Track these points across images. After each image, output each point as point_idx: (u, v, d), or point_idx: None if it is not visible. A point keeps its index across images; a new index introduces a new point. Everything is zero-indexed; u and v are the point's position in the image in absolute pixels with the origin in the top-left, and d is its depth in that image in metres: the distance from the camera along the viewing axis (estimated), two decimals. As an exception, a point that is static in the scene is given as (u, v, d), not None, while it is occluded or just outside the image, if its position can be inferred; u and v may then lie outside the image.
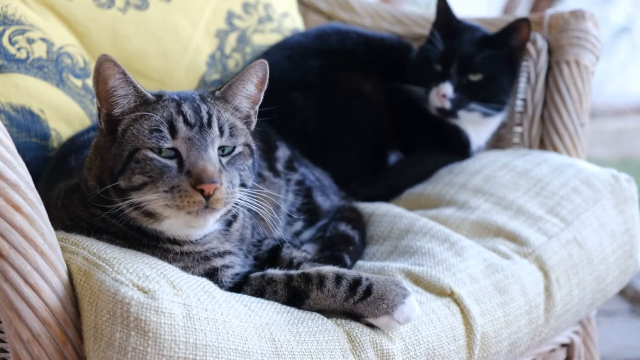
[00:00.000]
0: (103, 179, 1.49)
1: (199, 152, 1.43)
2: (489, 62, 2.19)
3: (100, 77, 1.45)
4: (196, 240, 1.53)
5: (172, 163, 1.43)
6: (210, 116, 1.48)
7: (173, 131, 1.44)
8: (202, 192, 1.40)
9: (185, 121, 1.45)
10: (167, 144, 1.43)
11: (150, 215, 1.45)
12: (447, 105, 2.18)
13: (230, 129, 1.50)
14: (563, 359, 2.09)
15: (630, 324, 3.22)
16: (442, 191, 2.08)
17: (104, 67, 1.44)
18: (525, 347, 1.80)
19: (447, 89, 2.17)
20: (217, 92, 1.54)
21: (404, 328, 1.56)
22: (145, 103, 1.48)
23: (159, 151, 1.43)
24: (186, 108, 1.47)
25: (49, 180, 1.75)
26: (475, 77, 2.19)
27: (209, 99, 1.52)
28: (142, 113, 1.45)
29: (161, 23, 2.21)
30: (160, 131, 1.43)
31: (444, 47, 2.21)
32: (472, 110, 2.20)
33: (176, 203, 1.41)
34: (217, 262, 1.56)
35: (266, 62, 1.55)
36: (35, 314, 1.32)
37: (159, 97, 1.50)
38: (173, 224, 1.48)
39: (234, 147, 1.50)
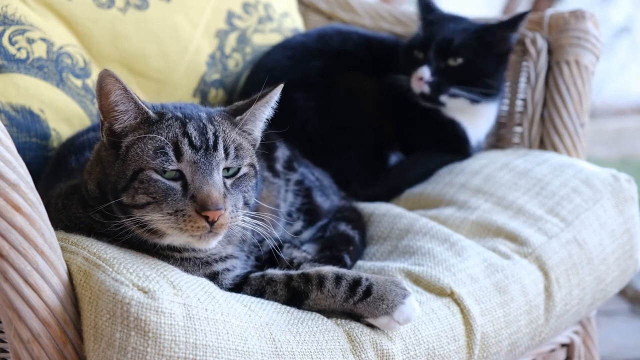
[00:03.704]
0: (103, 187, 1.48)
1: (204, 176, 1.41)
2: (469, 46, 2.19)
3: (102, 91, 1.44)
4: (197, 248, 1.53)
5: (177, 185, 1.42)
6: (216, 138, 1.46)
7: (178, 153, 1.42)
8: (206, 218, 1.40)
9: (191, 144, 1.43)
10: (172, 166, 1.42)
11: (153, 232, 1.45)
12: (426, 89, 2.18)
13: (237, 150, 1.48)
14: (563, 359, 2.09)
15: (630, 324, 3.22)
16: (442, 191, 2.08)
17: (105, 82, 1.43)
18: (525, 347, 1.80)
19: (425, 72, 2.17)
20: (238, 119, 1.52)
21: (404, 328, 1.56)
22: (148, 121, 1.46)
23: (163, 172, 1.42)
24: (191, 129, 1.45)
25: (48, 180, 1.75)
26: (455, 62, 2.19)
27: (216, 118, 1.50)
28: (147, 135, 1.44)
29: (161, 23, 2.21)
30: (165, 153, 1.42)
31: (424, 33, 2.24)
32: (457, 96, 2.19)
33: (179, 226, 1.41)
34: (219, 267, 1.56)
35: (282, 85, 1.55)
36: (35, 314, 1.32)
37: (162, 115, 1.47)
38: (175, 240, 1.48)
39: (239, 168, 1.49)
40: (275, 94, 1.54)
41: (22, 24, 1.95)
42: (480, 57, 2.20)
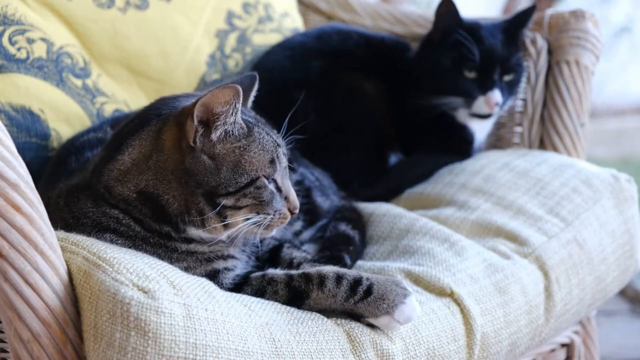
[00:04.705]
0: (156, 193, 1.49)
1: (287, 179, 1.57)
2: (517, 59, 2.21)
3: (216, 100, 1.46)
4: (202, 239, 1.54)
5: (275, 189, 1.54)
6: (283, 144, 1.60)
7: (279, 162, 1.55)
8: (292, 213, 1.57)
9: (283, 153, 1.57)
10: (276, 173, 1.54)
11: (214, 229, 1.52)
12: (496, 110, 2.18)
13: None
14: (563, 359, 2.09)
15: (630, 324, 3.22)
16: (442, 191, 2.08)
17: (225, 93, 1.45)
18: (525, 347, 1.80)
19: (499, 97, 2.17)
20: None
21: (404, 328, 1.56)
22: (243, 131, 1.52)
23: (268, 178, 1.53)
24: (277, 138, 1.58)
25: (48, 181, 1.75)
26: (509, 77, 2.20)
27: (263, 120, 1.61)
28: (251, 144, 1.51)
29: (161, 23, 2.21)
30: (274, 161, 1.53)
31: (479, 52, 2.17)
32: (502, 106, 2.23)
33: (272, 223, 1.54)
34: (219, 265, 1.56)
35: None
36: (35, 314, 1.32)
37: (249, 124, 1.54)
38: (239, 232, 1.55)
39: None
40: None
41: (22, 24, 1.95)
42: (521, 65, 2.23)
